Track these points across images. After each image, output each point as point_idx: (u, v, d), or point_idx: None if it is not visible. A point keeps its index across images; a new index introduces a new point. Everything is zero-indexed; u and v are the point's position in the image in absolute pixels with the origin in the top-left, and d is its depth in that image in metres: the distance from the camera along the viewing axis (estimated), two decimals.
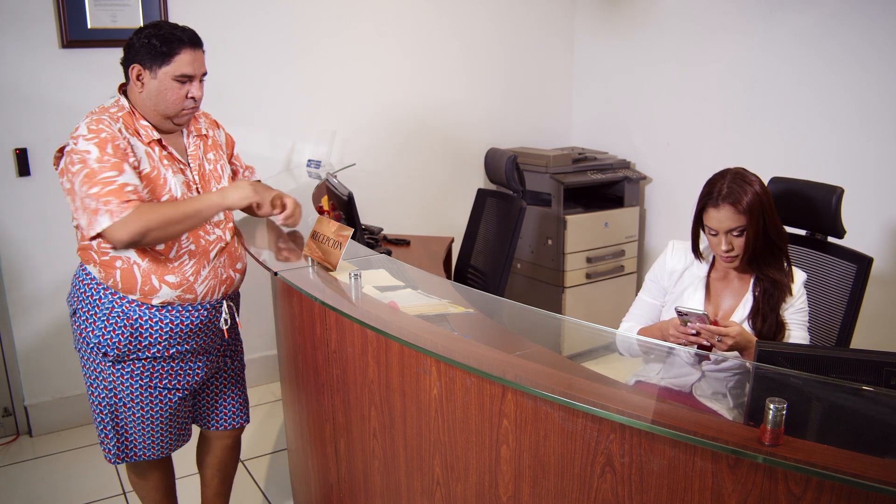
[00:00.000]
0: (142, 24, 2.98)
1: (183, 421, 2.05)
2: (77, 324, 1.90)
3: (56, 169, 1.84)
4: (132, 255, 1.84)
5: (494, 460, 1.34)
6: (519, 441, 1.29)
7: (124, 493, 2.66)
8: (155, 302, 1.87)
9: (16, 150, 2.86)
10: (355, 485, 1.78)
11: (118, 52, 1.88)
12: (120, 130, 1.79)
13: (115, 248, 1.81)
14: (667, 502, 1.12)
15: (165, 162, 1.88)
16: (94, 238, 1.78)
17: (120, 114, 1.82)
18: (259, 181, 2.12)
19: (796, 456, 0.99)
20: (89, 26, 2.89)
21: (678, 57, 3.65)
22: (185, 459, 2.44)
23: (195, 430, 2.20)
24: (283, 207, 2.01)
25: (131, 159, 1.79)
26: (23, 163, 2.87)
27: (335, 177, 3.10)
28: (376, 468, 1.67)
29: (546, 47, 4.15)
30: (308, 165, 3.35)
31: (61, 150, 1.82)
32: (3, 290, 2.96)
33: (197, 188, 1.94)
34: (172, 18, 3.01)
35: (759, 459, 1.01)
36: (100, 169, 1.73)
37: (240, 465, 2.85)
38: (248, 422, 2.21)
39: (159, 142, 1.88)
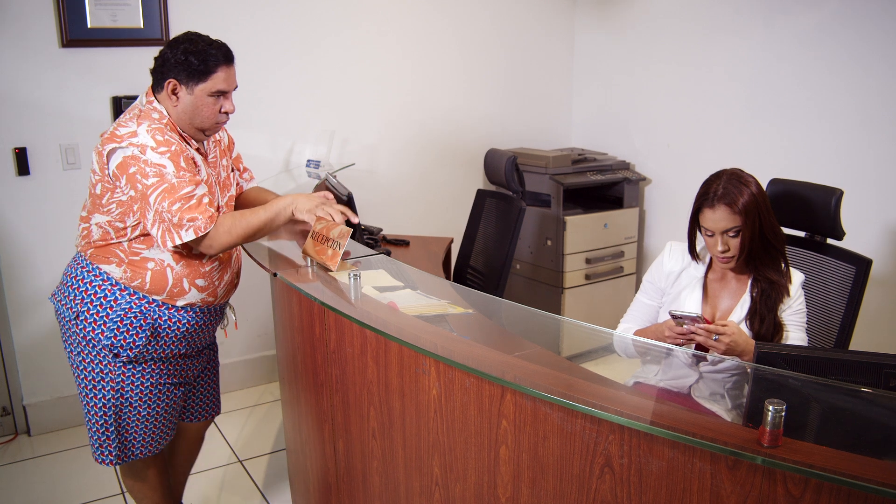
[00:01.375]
0: (141, 23, 3.05)
1: (176, 415, 2.08)
2: (80, 326, 1.86)
3: (105, 168, 1.79)
4: (166, 257, 1.87)
5: (493, 461, 1.34)
6: (518, 442, 1.29)
7: (123, 493, 2.65)
8: (180, 303, 1.91)
9: (15, 149, 2.85)
10: (354, 485, 1.78)
11: (118, 52, 1.88)
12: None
13: (203, 253, 1.86)
14: (666, 503, 1.12)
15: (207, 170, 1.93)
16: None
17: (164, 121, 1.82)
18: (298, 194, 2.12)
19: (795, 457, 0.99)
20: (89, 25, 2.89)
21: (678, 58, 3.65)
22: None
23: None
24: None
25: (200, 174, 1.84)
26: (22, 162, 2.87)
27: (335, 177, 3.10)
28: (375, 468, 1.67)
29: (546, 48, 4.15)
30: (307, 166, 3.35)
31: (103, 147, 1.78)
32: (2, 290, 2.96)
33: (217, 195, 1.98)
34: (172, 18, 3.01)
35: (758, 461, 1.01)
36: (179, 185, 1.76)
37: (239, 464, 2.85)
38: (220, 412, 2.27)
39: (198, 151, 1.91)
